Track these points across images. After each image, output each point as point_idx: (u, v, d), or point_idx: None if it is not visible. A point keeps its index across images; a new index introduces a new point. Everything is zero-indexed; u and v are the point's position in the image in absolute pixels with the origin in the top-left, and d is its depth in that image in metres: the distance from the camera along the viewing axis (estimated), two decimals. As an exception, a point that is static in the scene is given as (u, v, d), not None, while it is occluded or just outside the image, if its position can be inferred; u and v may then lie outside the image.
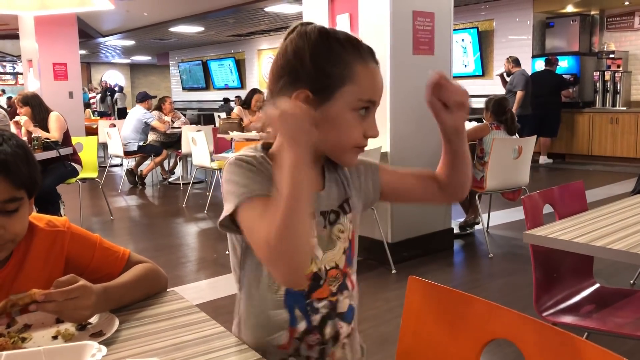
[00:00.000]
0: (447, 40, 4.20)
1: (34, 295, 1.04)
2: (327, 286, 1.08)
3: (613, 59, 9.06)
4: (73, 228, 1.30)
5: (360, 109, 1.01)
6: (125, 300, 1.20)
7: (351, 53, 1.01)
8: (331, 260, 1.08)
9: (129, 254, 1.35)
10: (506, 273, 3.86)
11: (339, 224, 1.09)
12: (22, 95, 5.24)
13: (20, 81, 18.93)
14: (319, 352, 1.10)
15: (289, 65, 1.00)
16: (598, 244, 1.61)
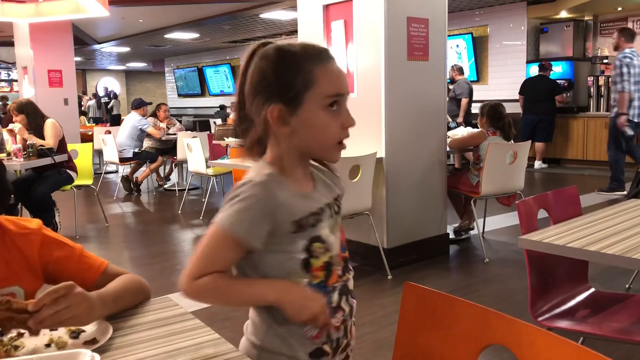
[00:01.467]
0: (442, 46, 4.22)
1: (29, 304, 1.04)
2: (335, 271, 1.17)
3: (607, 64, 9.10)
4: (46, 232, 1.29)
5: (330, 105, 1.10)
6: (117, 307, 1.20)
7: (307, 59, 1.10)
8: (336, 248, 1.18)
9: (107, 265, 1.34)
10: (502, 278, 3.86)
11: (338, 216, 1.21)
12: (17, 103, 5.22)
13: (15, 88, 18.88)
14: (343, 330, 1.18)
15: (258, 86, 1.10)
16: (592, 249, 1.61)
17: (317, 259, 1.13)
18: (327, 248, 1.15)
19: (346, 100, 1.13)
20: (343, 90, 1.12)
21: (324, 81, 1.10)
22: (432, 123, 4.23)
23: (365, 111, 4.00)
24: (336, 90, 1.11)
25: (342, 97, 1.12)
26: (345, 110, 1.12)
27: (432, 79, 4.19)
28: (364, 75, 4.02)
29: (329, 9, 4.24)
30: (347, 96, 1.13)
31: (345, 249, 1.23)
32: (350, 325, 1.21)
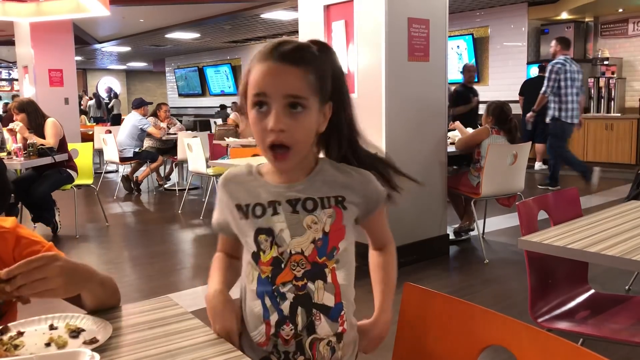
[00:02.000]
0: (442, 47, 4.22)
1: (1, 273, 1.03)
2: (289, 270, 1.14)
3: (607, 65, 9.11)
4: (21, 231, 1.28)
5: (258, 104, 1.09)
6: (101, 291, 1.19)
7: (256, 55, 1.12)
8: (297, 246, 1.14)
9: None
10: (502, 279, 3.86)
11: (312, 215, 1.15)
12: (18, 102, 5.23)
13: (15, 87, 18.89)
14: (296, 345, 1.14)
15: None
16: (592, 250, 1.61)
17: (264, 253, 1.15)
18: (277, 242, 1.14)
19: (280, 102, 1.07)
20: (264, 90, 1.07)
21: (252, 78, 1.10)
22: (433, 124, 4.23)
23: (365, 112, 4.00)
24: (257, 88, 1.08)
25: (269, 98, 1.07)
26: (275, 111, 1.07)
27: (433, 80, 4.19)
28: (364, 75, 4.02)
29: (330, 9, 4.24)
30: (277, 97, 1.07)
31: (327, 254, 1.15)
32: (308, 343, 1.14)
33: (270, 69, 1.08)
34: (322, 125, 1.15)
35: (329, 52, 1.17)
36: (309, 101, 1.09)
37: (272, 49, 1.10)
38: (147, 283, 3.92)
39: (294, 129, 1.08)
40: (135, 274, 4.20)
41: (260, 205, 1.16)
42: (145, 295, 3.54)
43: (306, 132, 1.11)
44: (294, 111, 1.08)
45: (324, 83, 1.13)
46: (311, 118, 1.10)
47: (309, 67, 1.09)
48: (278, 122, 1.06)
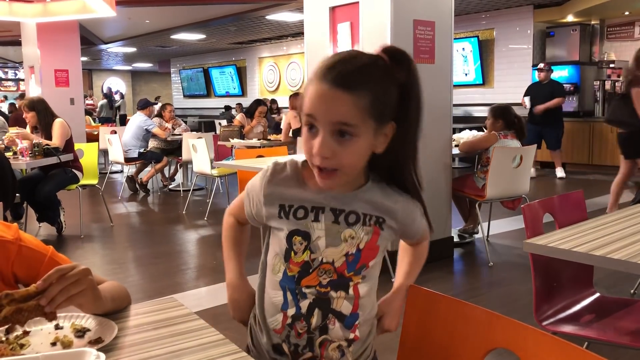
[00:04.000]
0: (448, 49, 4.22)
1: (31, 288, 1.03)
2: (316, 275, 1.15)
3: (613, 68, 9.08)
4: (23, 239, 1.26)
5: (308, 125, 1.07)
6: (112, 306, 1.20)
7: (315, 72, 1.08)
8: (329, 256, 1.14)
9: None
10: (506, 282, 3.85)
11: (351, 229, 1.15)
12: (29, 100, 5.25)
13: (22, 87, 18.97)
14: (307, 340, 1.16)
15: None
16: (598, 254, 1.61)
17: (296, 254, 1.15)
18: (310, 248, 1.14)
19: (328, 128, 1.04)
20: (313, 113, 1.04)
21: (307, 96, 1.07)
22: (438, 126, 4.23)
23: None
24: (307, 109, 1.05)
25: (317, 121, 1.04)
26: (319, 137, 1.04)
27: (438, 82, 4.19)
28: (369, 77, 4.02)
29: (336, 11, 4.24)
30: (325, 122, 1.04)
31: (356, 270, 1.16)
32: (318, 342, 1.16)
33: (321, 92, 1.04)
34: (380, 146, 1.10)
35: (402, 64, 1.10)
36: (360, 129, 1.04)
37: (328, 68, 1.05)
38: (151, 283, 3.93)
39: (341, 155, 1.05)
40: (140, 274, 4.21)
41: (303, 208, 1.15)
42: (149, 296, 3.55)
43: (354, 158, 1.08)
44: (342, 139, 1.04)
45: (385, 105, 1.07)
46: (361, 144, 1.06)
47: (364, 91, 1.04)
48: (323, 149, 1.04)
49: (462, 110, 10.21)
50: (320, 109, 1.04)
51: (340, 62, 1.05)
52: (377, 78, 1.06)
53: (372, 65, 1.07)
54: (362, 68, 1.05)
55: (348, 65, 1.05)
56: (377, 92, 1.05)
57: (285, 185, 1.17)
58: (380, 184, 1.18)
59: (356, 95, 1.03)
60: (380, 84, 1.06)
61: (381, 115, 1.06)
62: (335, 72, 1.04)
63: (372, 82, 1.05)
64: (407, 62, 1.09)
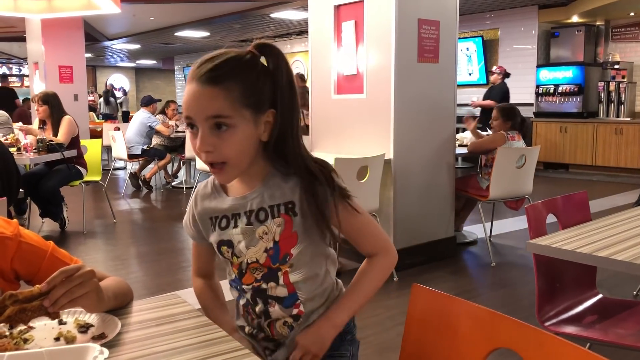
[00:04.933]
0: (452, 49, 4.21)
1: (35, 289, 1.03)
2: (250, 274, 1.24)
3: (618, 69, 9.06)
4: (23, 235, 1.25)
5: (188, 125, 1.12)
6: (115, 303, 1.20)
7: (187, 76, 1.15)
8: (252, 256, 1.22)
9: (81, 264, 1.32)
10: (508, 282, 3.84)
11: (264, 225, 1.20)
12: (43, 93, 5.24)
13: (26, 83, 19.01)
14: (257, 324, 1.29)
15: None
16: (601, 255, 1.60)
17: (230, 261, 1.26)
18: (235, 253, 1.23)
19: (205, 124, 1.09)
20: (189, 113, 1.10)
21: (183, 101, 1.13)
22: (441, 125, 4.22)
23: (374, 112, 4.00)
24: (184, 111, 1.11)
25: (193, 120, 1.10)
26: (200, 133, 1.10)
27: (442, 81, 4.18)
28: (373, 76, 4.02)
29: (340, 9, 4.24)
30: (201, 119, 1.09)
31: (280, 260, 1.21)
32: (265, 324, 1.27)
33: (192, 92, 1.10)
34: (264, 134, 1.16)
35: (269, 55, 1.16)
36: (234, 119, 1.10)
37: (194, 70, 1.12)
38: (154, 280, 3.94)
39: (222, 147, 1.10)
40: (142, 271, 4.22)
41: (225, 218, 1.24)
42: (151, 292, 3.55)
43: (237, 147, 1.12)
44: (219, 131, 1.09)
45: (257, 93, 1.13)
46: (241, 134, 1.11)
47: (231, 83, 1.10)
48: (203, 144, 1.10)
49: (465, 110, 10.19)
50: (195, 108, 1.10)
51: (206, 61, 1.12)
52: (244, 69, 1.12)
53: (237, 58, 1.12)
54: (227, 62, 1.11)
55: (214, 61, 1.11)
56: (245, 82, 1.11)
57: (209, 199, 1.27)
58: (281, 171, 1.21)
59: (224, 88, 1.09)
60: (248, 74, 1.12)
61: (256, 104, 1.12)
62: (203, 70, 1.10)
63: (239, 74, 1.11)
64: (273, 51, 1.16)
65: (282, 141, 1.17)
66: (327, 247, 1.28)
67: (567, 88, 9.11)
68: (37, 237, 1.30)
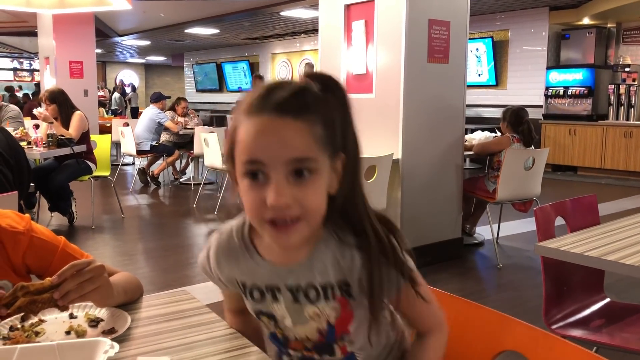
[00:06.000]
0: (462, 50, 4.20)
1: (46, 281, 1.04)
2: (298, 342, 1.05)
3: (628, 72, 9.01)
4: (35, 230, 1.26)
5: (248, 173, 0.85)
6: (125, 298, 1.21)
7: (241, 108, 0.88)
8: (301, 333, 1.03)
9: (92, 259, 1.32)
10: (515, 284, 3.84)
11: (314, 306, 0.99)
12: (50, 91, 5.28)
13: (36, 78, 19.11)
14: None
15: None
16: (610, 259, 1.60)
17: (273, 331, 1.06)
18: (279, 327, 1.04)
19: (282, 170, 0.83)
20: (258, 156, 0.83)
21: (241, 139, 0.86)
22: (450, 126, 4.22)
23: (383, 112, 4.00)
24: (249, 154, 0.84)
25: (263, 165, 0.84)
26: (272, 184, 0.83)
27: (452, 82, 4.18)
28: (383, 76, 4.02)
29: (350, 8, 4.24)
30: (278, 163, 0.83)
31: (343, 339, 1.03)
32: None
33: (263, 126, 0.84)
34: (333, 185, 0.91)
35: (335, 88, 0.92)
36: (318, 162, 0.86)
37: (262, 97, 0.86)
38: (161, 276, 3.96)
39: (302, 199, 0.85)
40: (150, 267, 4.24)
41: (257, 289, 1.02)
42: (159, 288, 3.57)
43: (319, 199, 0.88)
44: (300, 179, 0.85)
45: (334, 132, 0.89)
46: (323, 181, 0.88)
47: (314, 115, 0.86)
48: (282, 197, 0.83)
49: (474, 111, 10.17)
50: (269, 148, 0.83)
51: (272, 90, 0.87)
52: (321, 101, 0.88)
53: (309, 88, 0.89)
54: (301, 91, 0.87)
55: (284, 89, 0.86)
56: (325, 117, 0.87)
57: (236, 259, 1.01)
58: (335, 233, 0.96)
59: (307, 120, 0.85)
60: (326, 106, 0.88)
61: (333, 145, 0.88)
62: (277, 98, 0.85)
63: (318, 105, 0.87)
64: (338, 88, 0.92)
65: (350, 196, 0.93)
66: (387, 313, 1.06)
67: (577, 90, 9.07)
68: (48, 232, 1.31)
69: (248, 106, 0.86)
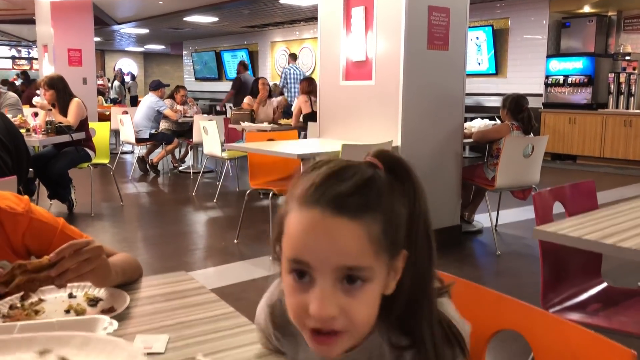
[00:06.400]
0: (462, 37, 4.19)
1: (44, 259, 1.04)
2: None
3: (629, 61, 8.98)
4: (34, 212, 1.27)
5: (297, 272, 0.74)
6: (124, 279, 1.21)
7: (295, 193, 0.76)
8: None
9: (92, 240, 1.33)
10: (513, 271, 3.85)
11: None
12: (48, 77, 5.26)
13: (35, 66, 19.05)
14: None
15: None
16: (608, 242, 1.61)
17: None
18: None
19: (331, 276, 0.72)
20: (305, 258, 0.72)
21: (290, 233, 0.74)
22: (449, 113, 4.21)
23: (382, 99, 4.00)
24: (295, 252, 0.73)
25: (309, 268, 0.72)
26: (316, 290, 0.72)
27: (451, 69, 4.17)
28: (382, 62, 4.01)
29: (350, -5, 4.22)
30: (327, 269, 0.71)
31: None
32: None
33: (314, 224, 0.72)
34: (390, 285, 0.78)
35: (406, 177, 0.80)
36: (374, 270, 0.74)
37: (318, 186, 0.74)
38: (161, 262, 3.97)
39: (351, 311, 0.73)
40: (149, 254, 4.25)
41: None
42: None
43: (369, 311, 0.76)
44: (350, 286, 0.73)
45: (396, 229, 0.76)
46: (376, 288, 0.75)
47: (375, 215, 0.73)
48: (325, 308, 0.72)
49: (474, 100, 10.15)
50: (317, 250, 0.72)
51: (332, 176, 0.75)
52: (384, 194, 0.76)
53: (375, 180, 0.76)
54: (366, 185, 0.75)
55: (345, 182, 0.74)
56: (387, 214, 0.75)
57: (295, 339, 0.87)
58: (386, 337, 0.82)
59: (365, 222, 0.72)
60: (390, 200, 0.76)
61: (393, 245, 0.76)
62: (332, 191, 0.73)
63: (380, 202, 0.75)
64: (405, 167, 0.81)
65: (414, 301, 0.80)
66: None
67: (577, 79, 9.05)
68: (47, 214, 1.32)
69: (302, 193, 0.74)
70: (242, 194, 5.19)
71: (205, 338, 0.99)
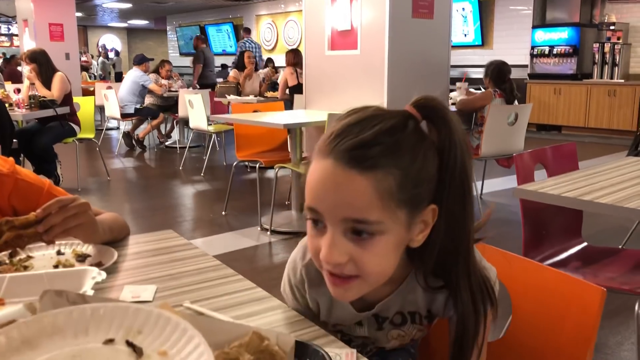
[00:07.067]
0: (447, 5, 4.17)
1: (31, 215, 1.05)
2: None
3: (613, 30, 9.01)
4: (19, 172, 1.27)
5: (310, 219, 0.78)
6: (110, 236, 1.22)
7: (318, 144, 0.77)
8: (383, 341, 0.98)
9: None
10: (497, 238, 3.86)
11: (400, 330, 0.94)
12: (30, 51, 5.19)
13: (15, 43, 18.71)
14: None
15: None
16: (587, 198, 1.64)
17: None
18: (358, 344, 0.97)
19: (338, 227, 0.74)
20: (316, 206, 0.75)
21: (307, 182, 0.77)
22: (435, 82, 4.22)
23: (368, 68, 3.99)
24: (309, 200, 0.76)
25: (320, 216, 0.75)
26: (326, 237, 0.75)
27: (436, 38, 4.16)
28: (367, 31, 3.99)
29: (334, -37, 4.18)
30: (333, 219, 0.74)
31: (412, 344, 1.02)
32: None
33: (325, 174, 0.73)
34: (417, 239, 0.79)
35: (437, 124, 0.80)
36: (384, 225, 0.74)
37: (336, 136, 0.74)
38: (149, 234, 3.98)
39: (361, 259, 0.75)
40: (137, 226, 4.25)
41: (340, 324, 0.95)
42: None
43: (380, 261, 0.77)
44: (359, 237, 0.74)
45: (419, 183, 0.75)
46: (389, 243, 0.76)
47: (389, 169, 0.72)
48: (332, 255, 0.75)
49: (460, 72, 10.16)
50: (327, 201, 0.74)
51: (354, 126, 0.75)
52: (407, 147, 0.75)
53: (401, 127, 0.76)
54: (385, 134, 0.74)
55: (364, 129, 0.74)
56: (407, 168, 0.74)
57: (317, 290, 0.91)
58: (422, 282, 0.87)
59: (378, 178, 0.72)
60: (411, 155, 0.74)
61: (415, 199, 0.75)
62: (347, 141, 0.73)
63: (400, 155, 0.74)
64: (440, 114, 0.81)
65: (447, 253, 0.81)
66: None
67: (562, 49, 9.08)
68: (33, 175, 1.32)
69: (321, 142, 0.76)
70: (229, 167, 5.19)
71: (191, 288, 1.01)
